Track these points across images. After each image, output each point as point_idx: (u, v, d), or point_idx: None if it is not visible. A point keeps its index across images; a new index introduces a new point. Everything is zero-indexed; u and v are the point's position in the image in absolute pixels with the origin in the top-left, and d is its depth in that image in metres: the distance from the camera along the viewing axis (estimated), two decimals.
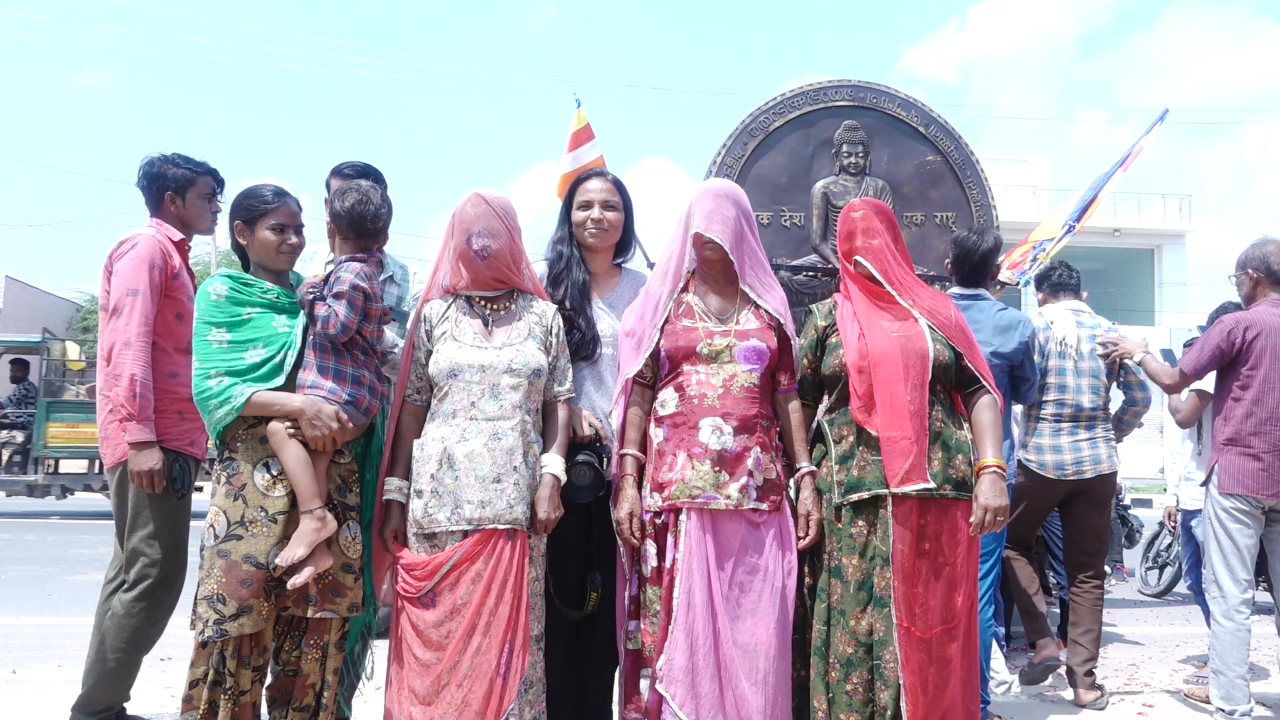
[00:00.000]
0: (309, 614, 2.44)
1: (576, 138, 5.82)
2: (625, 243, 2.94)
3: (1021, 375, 3.50)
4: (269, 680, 2.57)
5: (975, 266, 3.55)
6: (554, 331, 2.63)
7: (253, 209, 2.58)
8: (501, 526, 2.44)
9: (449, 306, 2.61)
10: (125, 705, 3.05)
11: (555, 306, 2.70)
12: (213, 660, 2.39)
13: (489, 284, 2.61)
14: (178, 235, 3.03)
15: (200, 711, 2.39)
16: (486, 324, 2.58)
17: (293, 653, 2.50)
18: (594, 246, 2.87)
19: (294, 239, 2.62)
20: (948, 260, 3.65)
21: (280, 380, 2.49)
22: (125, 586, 2.89)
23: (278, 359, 2.51)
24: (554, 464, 2.54)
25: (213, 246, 24.33)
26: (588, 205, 2.85)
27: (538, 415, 2.59)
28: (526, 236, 2.72)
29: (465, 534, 2.44)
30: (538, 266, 2.87)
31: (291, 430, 2.45)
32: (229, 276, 2.57)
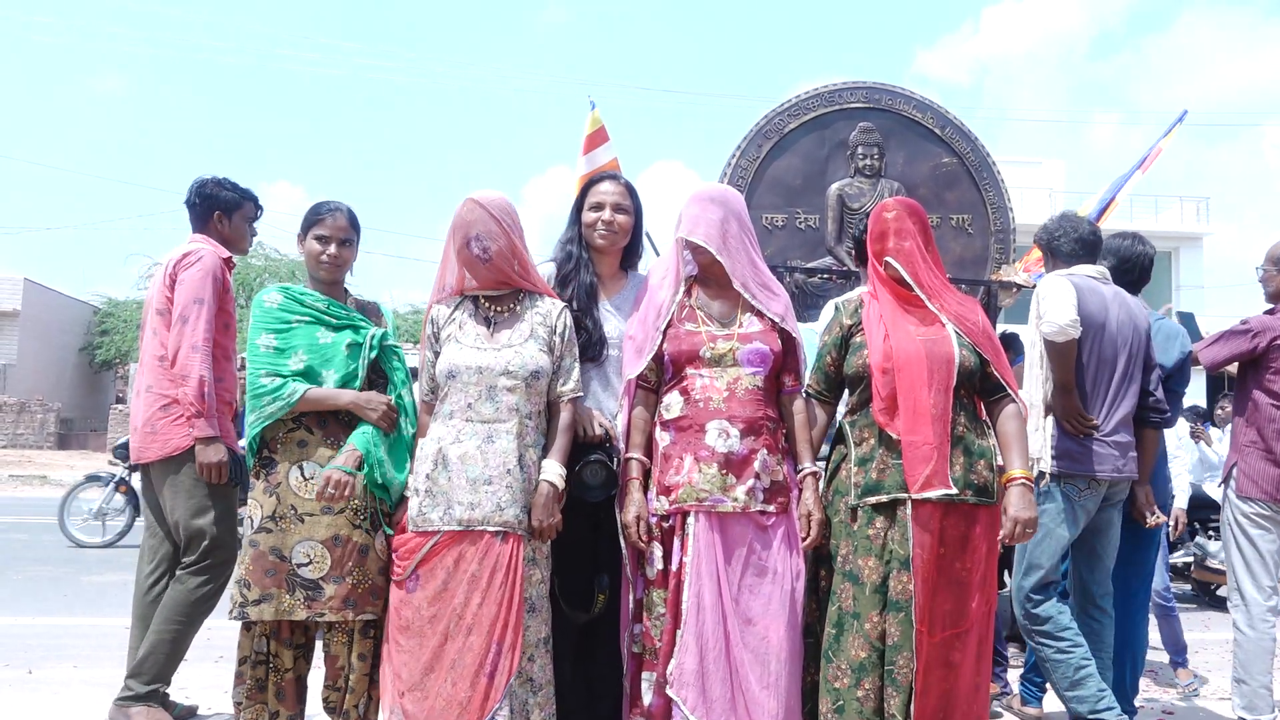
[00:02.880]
0: (350, 618, 2.61)
1: (591, 140, 5.82)
2: (634, 246, 2.95)
3: (1173, 389, 3.46)
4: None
5: (1144, 272, 3.47)
6: (559, 330, 2.62)
7: (307, 219, 2.82)
8: (491, 529, 2.45)
9: (454, 309, 2.63)
10: (167, 691, 3.20)
11: (563, 305, 2.70)
12: (255, 643, 2.64)
13: (493, 285, 2.63)
14: (225, 253, 3.28)
15: (248, 686, 2.64)
16: (490, 325, 2.59)
17: (329, 637, 2.68)
18: (603, 249, 2.87)
19: (333, 250, 2.78)
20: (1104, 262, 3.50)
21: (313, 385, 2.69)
22: (191, 566, 3.10)
23: (322, 376, 2.70)
24: (551, 471, 2.53)
25: None
26: (599, 207, 2.85)
27: (540, 417, 2.59)
28: (540, 240, 2.76)
29: (459, 534, 2.47)
30: (546, 268, 2.88)
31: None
32: (283, 289, 2.80)
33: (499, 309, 2.62)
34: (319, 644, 2.76)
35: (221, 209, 3.32)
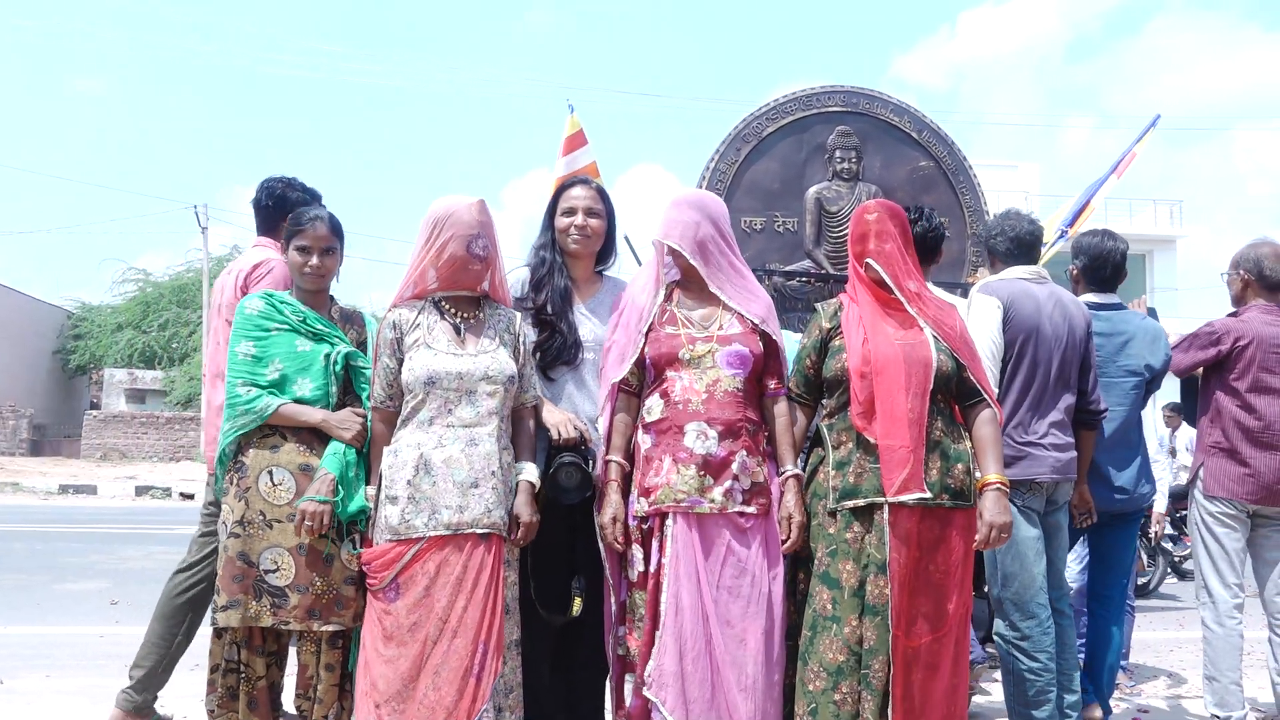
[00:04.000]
0: (315, 628, 2.59)
1: (569, 143, 5.81)
2: (607, 250, 2.97)
3: (1155, 387, 3.47)
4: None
5: (1117, 268, 3.47)
6: (521, 339, 2.66)
7: (289, 230, 2.77)
8: (479, 531, 2.45)
9: (418, 313, 2.61)
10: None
11: (520, 314, 2.73)
12: (226, 651, 2.62)
13: (469, 288, 2.62)
14: None
15: (220, 694, 2.62)
16: (459, 331, 2.59)
17: (300, 645, 2.68)
18: (576, 253, 2.89)
19: (315, 261, 2.72)
20: (1072, 266, 3.54)
21: (287, 398, 2.66)
22: None
23: (296, 385, 2.67)
24: (529, 471, 2.58)
25: (204, 254, 24.30)
26: (571, 212, 2.87)
27: (509, 421, 2.62)
28: (519, 243, 2.75)
29: (442, 539, 2.46)
30: (520, 273, 2.90)
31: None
32: (265, 296, 2.76)
33: (466, 315, 2.62)
34: (292, 651, 2.74)
35: (292, 211, 3.24)
